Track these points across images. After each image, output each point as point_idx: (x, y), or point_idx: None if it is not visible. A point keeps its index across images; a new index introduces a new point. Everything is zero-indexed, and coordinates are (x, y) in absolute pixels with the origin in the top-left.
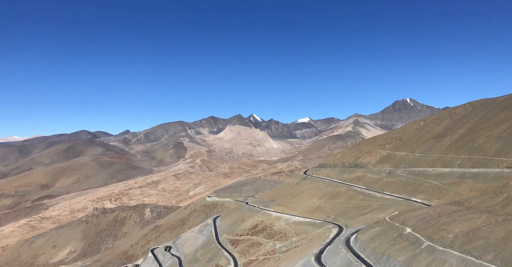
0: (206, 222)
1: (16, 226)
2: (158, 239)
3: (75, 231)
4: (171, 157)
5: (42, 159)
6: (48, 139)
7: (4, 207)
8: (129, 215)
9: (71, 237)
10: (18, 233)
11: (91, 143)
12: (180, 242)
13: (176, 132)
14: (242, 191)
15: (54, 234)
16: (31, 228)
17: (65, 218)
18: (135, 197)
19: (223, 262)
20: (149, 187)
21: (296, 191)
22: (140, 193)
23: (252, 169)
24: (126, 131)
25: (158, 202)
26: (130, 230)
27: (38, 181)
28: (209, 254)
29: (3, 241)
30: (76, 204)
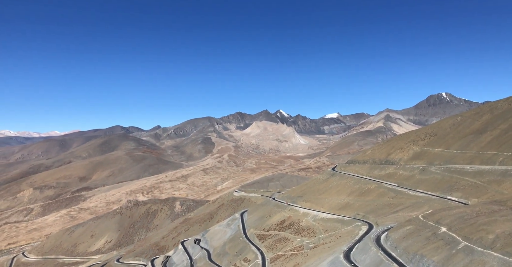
0: (233, 217)
1: (58, 216)
2: (187, 231)
3: (110, 222)
4: (199, 152)
5: (80, 153)
6: (85, 134)
7: (47, 197)
8: (160, 208)
9: (107, 228)
10: (60, 223)
11: (124, 138)
12: (208, 235)
13: (204, 128)
14: (269, 187)
15: (92, 225)
16: (71, 218)
17: (101, 210)
18: (166, 190)
19: (250, 256)
20: (179, 181)
21: (324, 187)
22: (170, 186)
23: (279, 164)
24: (157, 126)
25: (187, 195)
26: (161, 222)
27: (76, 173)
28: (237, 248)
29: (47, 230)
30: (111, 196)
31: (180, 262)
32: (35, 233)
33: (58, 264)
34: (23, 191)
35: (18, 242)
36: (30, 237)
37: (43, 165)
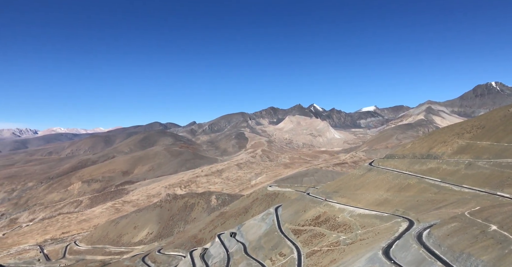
0: (268, 211)
1: (104, 208)
2: (223, 225)
3: (151, 215)
4: (233, 147)
5: (122, 148)
6: (127, 130)
7: (94, 190)
8: (197, 202)
9: (148, 220)
10: (106, 214)
11: (163, 134)
12: (244, 229)
13: (238, 123)
14: (303, 182)
15: (134, 217)
16: (116, 210)
17: (143, 202)
18: (202, 184)
19: (286, 251)
20: (214, 176)
21: (360, 182)
22: (206, 181)
23: (313, 159)
24: (192, 122)
25: (222, 190)
26: (199, 216)
27: (120, 168)
28: (272, 242)
29: (95, 221)
30: (152, 190)
31: (217, 255)
32: (85, 224)
33: (106, 253)
34: (73, 184)
35: (70, 232)
36: (80, 227)
37: (90, 160)
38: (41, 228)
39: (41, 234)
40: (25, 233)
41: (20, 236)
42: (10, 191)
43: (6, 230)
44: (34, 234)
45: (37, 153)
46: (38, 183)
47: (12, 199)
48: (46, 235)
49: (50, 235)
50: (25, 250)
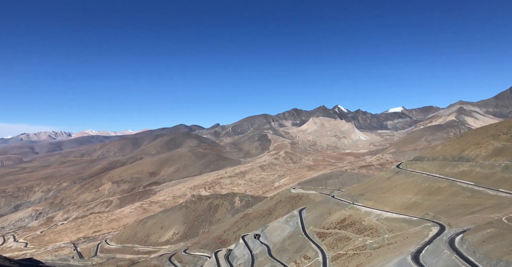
0: (292, 213)
1: (133, 208)
2: (247, 226)
3: (177, 215)
4: (256, 149)
5: (149, 150)
6: (154, 133)
7: (123, 191)
8: (221, 203)
9: (174, 220)
10: (134, 214)
11: (187, 136)
12: (268, 231)
13: (261, 125)
14: (327, 184)
15: (161, 217)
16: (144, 210)
17: (169, 203)
18: (226, 186)
19: (311, 254)
20: (238, 177)
21: (387, 185)
22: (229, 182)
23: (338, 162)
24: (216, 124)
25: (246, 191)
26: (223, 217)
27: (147, 169)
28: (296, 244)
29: (124, 220)
30: (177, 191)
31: (242, 256)
32: (115, 223)
33: (134, 252)
34: (103, 185)
35: (101, 231)
36: (111, 226)
37: (119, 161)
38: (74, 227)
39: (74, 233)
40: (60, 231)
41: (56, 234)
42: (47, 191)
43: (44, 228)
44: (68, 232)
45: (71, 155)
46: (71, 183)
47: (49, 199)
48: (79, 234)
49: (83, 233)
50: (60, 247)
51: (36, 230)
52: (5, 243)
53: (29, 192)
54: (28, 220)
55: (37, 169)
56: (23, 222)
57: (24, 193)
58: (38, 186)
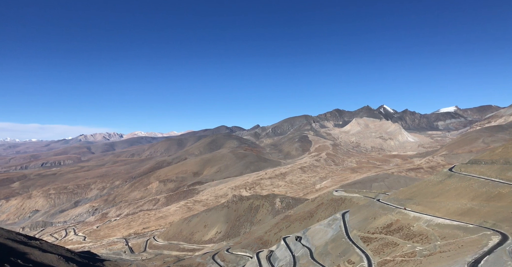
0: (334, 217)
1: (178, 206)
2: (288, 228)
3: (219, 215)
4: (296, 150)
5: (193, 151)
6: (197, 134)
7: (169, 189)
8: (261, 204)
9: (217, 220)
10: (179, 212)
11: (228, 137)
12: (309, 234)
13: (301, 126)
14: (372, 187)
15: (204, 216)
16: (188, 209)
17: (211, 202)
18: (266, 187)
19: (355, 259)
20: (278, 179)
21: (439, 190)
22: (270, 183)
23: (383, 164)
24: (256, 125)
25: (286, 193)
26: (263, 218)
27: (191, 169)
28: (339, 248)
29: (170, 218)
30: (219, 191)
31: (283, 258)
32: (162, 220)
33: (180, 249)
34: (151, 184)
35: (150, 227)
36: (158, 223)
37: (166, 161)
38: (126, 223)
39: (126, 229)
40: (113, 227)
41: (109, 229)
42: (102, 188)
43: (99, 223)
44: (121, 228)
45: (122, 155)
46: (123, 182)
47: (103, 196)
48: (130, 230)
49: (133, 229)
50: (114, 242)
51: (93, 225)
52: (67, 236)
53: (86, 189)
54: (86, 215)
55: (93, 168)
56: (81, 217)
57: (82, 190)
58: (94, 184)
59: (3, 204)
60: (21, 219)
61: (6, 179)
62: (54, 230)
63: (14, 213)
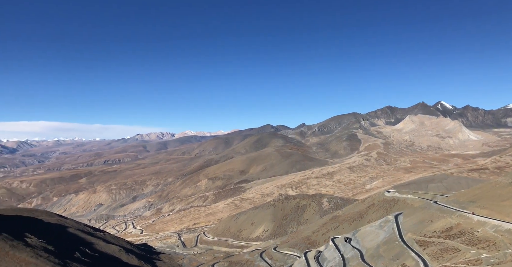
0: (386, 218)
1: (226, 204)
2: (337, 229)
3: (266, 213)
4: (344, 149)
5: (239, 149)
6: (243, 133)
7: (217, 187)
8: (308, 203)
9: (264, 218)
10: (227, 209)
11: (274, 136)
12: (359, 235)
13: (349, 124)
14: (428, 189)
15: (251, 214)
16: (235, 206)
17: (258, 201)
18: (313, 186)
19: (410, 263)
20: (325, 178)
21: (508, 192)
22: (316, 183)
23: (441, 164)
24: (302, 124)
25: (334, 193)
26: (311, 218)
27: (237, 167)
28: (392, 252)
29: (219, 215)
30: (265, 189)
31: (332, 259)
32: (211, 217)
33: (229, 245)
34: (201, 181)
35: (200, 223)
36: (208, 219)
37: (213, 159)
38: (178, 218)
39: (178, 224)
40: (167, 222)
41: (164, 224)
42: (156, 185)
43: (154, 218)
44: (173, 223)
45: (174, 153)
46: (175, 179)
47: (157, 192)
48: (182, 225)
49: (185, 225)
50: (167, 236)
51: (149, 219)
52: (127, 229)
53: (143, 185)
54: (143, 210)
55: (148, 166)
56: (139, 211)
57: (139, 186)
58: (150, 180)
59: (73, 198)
60: (88, 212)
61: (75, 175)
62: (116, 223)
63: (82, 206)
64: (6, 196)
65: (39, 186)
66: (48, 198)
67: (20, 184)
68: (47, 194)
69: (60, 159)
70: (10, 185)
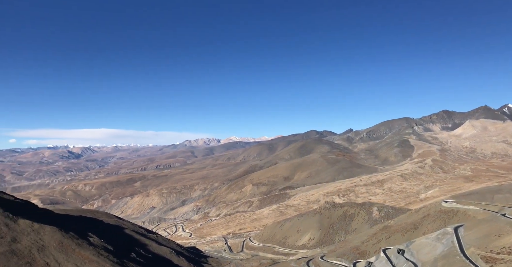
0: (444, 230)
1: (270, 210)
2: (388, 240)
3: (312, 220)
4: (395, 156)
5: (283, 155)
6: (287, 139)
7: (261, 193)
8: (357, 212)
9: (310, 226)
10: (272, 216)
11: (319, 142)
12: (414, 248)
13: (401, 130)
14: (494, 200)
15: (297, 221)
16: (280, 213)
17: (303, 208)
18: (361, 194)
19: None
20: (374, 186)
21: None
22: (365, 191)
23: (509, 173)
24: (349, 129)
25: (384, 201)
26: (359, 227)
27: (281, 173)
28: None
29: (264, 221)
30: (311, 196)
31: None
32: (256, 223)
33: (274, 252)
34: (245, 187)
35: (245, 228)
36: (253, 225)
37: (258, 165)
38: (224, 223)
39: (224, 228)
40: (214, 226)
41: (211, 228)
42: (203, 189)
43: (202, 221)
44: (220, 227)
45: (220, 159)
46: (221, 184)
47: (205, 196)
48: (228, 230)
49: (231, 229)
50: (214, 240)
51: (197, 223)
52: (177, 232)
53: (191, 189)
54: (191, 213)
55: (196, 171)
56: (187, 215)
57: (188, 190)
58: (197, 185)
59: (129, 201)
60: (142, 214)
61: (130, 179)
62: (167, 226)
63: (136, 209)
64: (72, 198)
65: (99, 189)
66: (107, 200)
67: (84, 187)
68: (107, 196)
69: (117, 164)
70: (75, 187)
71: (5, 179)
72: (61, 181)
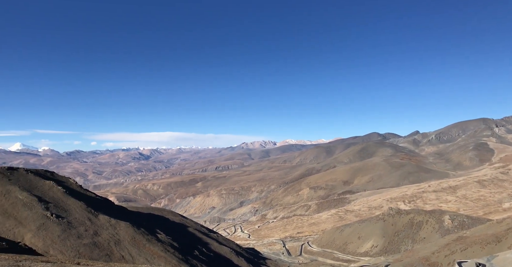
0: None
1: (329, 214)
2: (464, 252)
3: (374, 227)
4: (470, 160)
5: (342, 159)
6: (346, 141)
7: (319, 197)
8: (425, 220)
9: (372, 232)
10: (331, 220)
11: (381, 145)
12: (497, 262)
13: (477, 132)
14: None
15: (358, 227)
16: (339, 218)
17: (364, 213)
18: (430, 201)
19: None
20: (445, 193)
21: None
22: (435, 197)
23: None
24: (415, 132)
25: (458, 210)
26: (428, 236)
27: (340, 177)
28: None
29: (322, 225)
30: (373, 202)
31: None
32: (314, 227)
33: (334, 258)
34: (302, 190)
35: (303, 232)
36: (311, 229)
37: (315, 168)
38: (281, 226)
39: (282, 231)
40: (271, 228)
41: (268, 230)
42: (260, 191)
43: (260, 223)
44: (277, 230)
45: (276, 161)
46: (277, 186)
47: (262, 198)
48: (286, 233)
49: (288, 233)
50: (272, 242)
51: (254, 224)
52: (236, 233)
53: (248, 191)
54: (249, 215)
55: (253, 173)
56: (245, 216)
57: (245, 192)
58: (254, 187)
59: (192, 200)
60: (203, 214)
61: (192, 180)
62: (226, 226)
63: (198, 208)
64: (142, 196)
65: (165, 188)
66: (173, 199)
67: (152, 186)
68: (172, 196)
69: (181, 165)
70: (145, 187)
71: (88, 177)
72: (133, 181)
